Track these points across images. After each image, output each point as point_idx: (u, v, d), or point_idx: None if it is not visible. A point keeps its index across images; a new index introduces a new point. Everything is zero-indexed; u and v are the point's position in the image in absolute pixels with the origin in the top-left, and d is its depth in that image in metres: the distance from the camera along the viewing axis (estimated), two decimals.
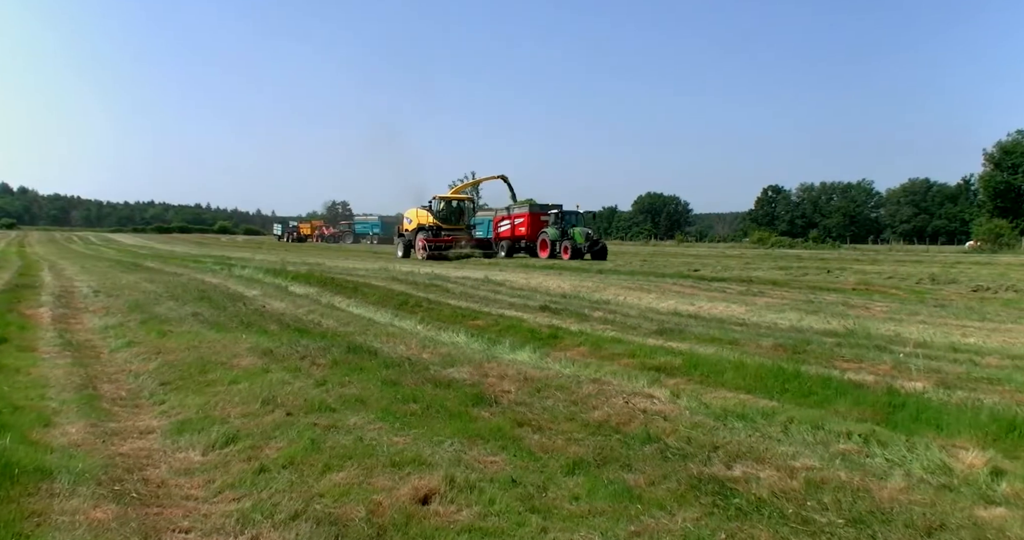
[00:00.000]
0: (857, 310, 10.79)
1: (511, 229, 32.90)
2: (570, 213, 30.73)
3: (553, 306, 10.07)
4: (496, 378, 5.35)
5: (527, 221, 32.07)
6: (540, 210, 32.53)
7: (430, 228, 30.09)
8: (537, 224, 31.52)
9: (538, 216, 32.03)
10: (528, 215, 32.10)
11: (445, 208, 31.20)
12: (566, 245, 28.46)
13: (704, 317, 9.53)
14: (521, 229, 32.37)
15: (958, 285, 15.12)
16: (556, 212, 30.51)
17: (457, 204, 32.12)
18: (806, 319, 9.56)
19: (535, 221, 31.82)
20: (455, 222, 31.13)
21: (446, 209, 31.20)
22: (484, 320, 8.60)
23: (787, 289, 14.23)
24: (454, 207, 31.75)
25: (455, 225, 30.99)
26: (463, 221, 31.74)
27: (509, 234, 32.92)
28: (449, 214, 31.12)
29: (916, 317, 9.87)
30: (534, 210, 32.48)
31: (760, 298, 12.34)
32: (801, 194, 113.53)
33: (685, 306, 11.09)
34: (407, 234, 32.22)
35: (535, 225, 31.55)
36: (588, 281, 14.81)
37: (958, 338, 7.65)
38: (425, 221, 30.53)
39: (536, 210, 32.52)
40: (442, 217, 30.65)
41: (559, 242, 29.03)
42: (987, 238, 42.68)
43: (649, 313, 9.83)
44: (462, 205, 32.40)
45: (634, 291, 13.20)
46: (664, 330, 7.95)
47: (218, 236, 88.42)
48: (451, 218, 31.07)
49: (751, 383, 5.19)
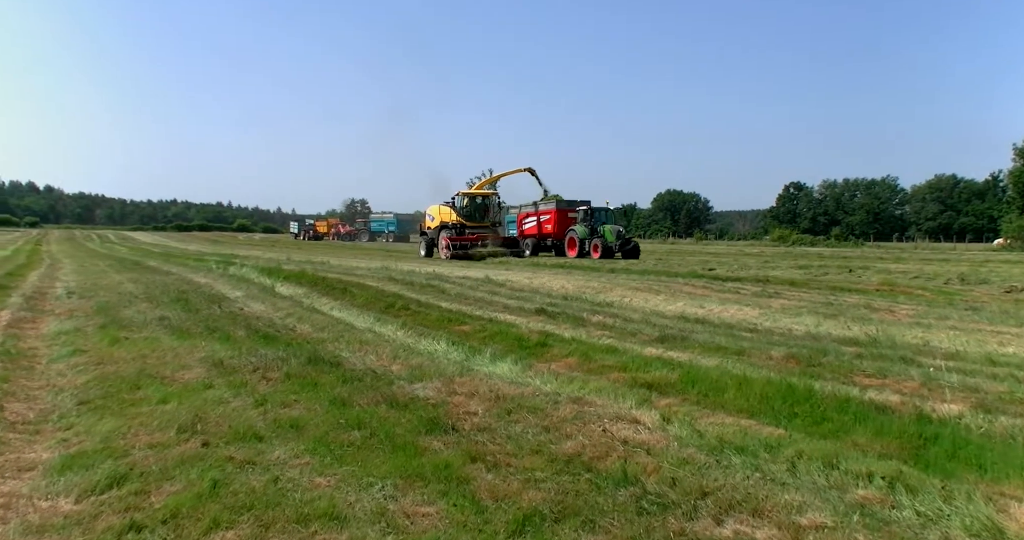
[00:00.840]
0: (880, 313, 9.99)
1: (537, 226, 31.39)
2: (599, 210, 29.09)
3: (551, 309, 9.40)
4: (464, 396, 4.71)
5: (554, 218, 30.46)
6: (568, 206, 30.84)
7: (454, 226, 28.78)
8: (564, 221, 29.93)
9: (565, 213, 30.36)
10: (555, 212, 30.46)
11: (469, 205, 29.77)
12: (596, 243, 27.05)
13: (713, 322, 8.79)
14: (547, 227, 30.83)
15: (989, 286, 14.17)
16: (585, 209, 28.85)
17: (482, 200, 30.61)
18: (824, 324, 8.80)
19: (562, 218, 30.19)
20: (480, 219, 29.70)
21: (470, 206, 29.76)
22: (471, 325, 7.96)
23: (805, 290, 13.41)
24: (479, 203, 30.26)
25: (480, 222, 29.57)
26: (488, 218, 30.26)
27: (535, 231, 31.41)
28: (474, 211, 29.69)
29: (946, 322, 9.05)
30: (561, 206, 30.80)
31: (775, 300, 11.56)
32: (824, 191, 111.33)
33: (694, 309, 10.36)
34: (429, 232, 30.95)
35: (562, 222, 30.01)
36: (595, 281, 14.11)
37: (995, 348, 6.85)
38: (448, 219, 29.26)
39: (564, 206, 30.86)
40: (466, 214, 29.27)
41: (588, 240, 27.63)
42: (1017, 235, 41.10)
43: (653, 317, 9.12)
44: (487, 201, 30.78)
45: (642, 292, 12.48)
46: (666, 337, 7.25)
47: (236, 234, 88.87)
48: (475, 215, 29.64)
49: (755, 405, 4.49)
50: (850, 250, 41.62)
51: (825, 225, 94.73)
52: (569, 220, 29.67)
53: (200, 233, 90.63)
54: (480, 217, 29.72)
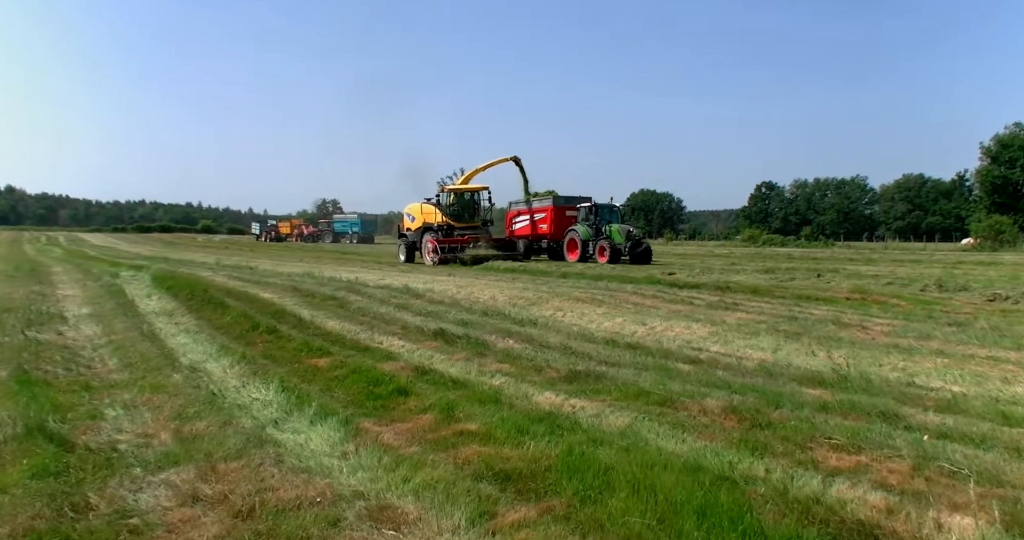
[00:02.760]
0: (851, 331, 8.43)
1: (530, 226, 27.55)
2: (605, 207, 25.13)
3: (454, 331, 7.64)
4: (205, 504, 2.94)
5: (550, 217, 26.62)
6: (566, 204, 26.90)
7: (440, 227, 24.68)
8: (562, 220, 26.21)
9: (563, 211, 26.59)
10: (551, 209, 26.67)
11: (456, 202, 25.61)
12: (602, 245, 23.43)
13: (648, 347, 7.12)
14: (542, 226, 27.02)
15: (970, 293, 12.77)
16: (588, 206, 24.97)
17: (471, 196, 26.20)
18: (784, 348, 7.19)
19: (559, 217, 26.42)
20: (469, 218, 25.60)
21: (458, 203, 25.62)
22: (333, 357, 6.15)
23: (768, 299, 11.85)
24: (467, 200, 25.97)
25: (469, 222, 25.50)
26: (478, 216, 26.04)
27: (528, 232, 27.56)
28: (461, 209, 25.62)
29: (929, 343, 7.50)
30: (559, 204, 26.92)
31: (732, 313, 9.96)
32: (795, 191, 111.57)
33: (634, 326, 8.70)
34: (410, 234, 26.59)
35: (560, 222, 26.25)
36: (532, 291, 12.39)
37: (999, 387, 5.28)
38: (433, 218, 25.09)
39: (561, 204, 26.92)
40: (453, 213, 25.23)
41: (592, 242, 24.04)
42: (987, 235, 40.45)
43: (578, 340, 7.42)
44: (477, 197, 26.28)
45: (582, 303, 10.82)
46: (577, 375, 5.54)
47: (195, 236, 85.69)
48: (464, 214, 25.57)
49: (654, 525, 2.78)
50: (820, 250, 40.59)
51: (796, 224, 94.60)
52: (567, 219, 25.97)
53: (160, 235, 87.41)
54: (469, 216, 25.74)
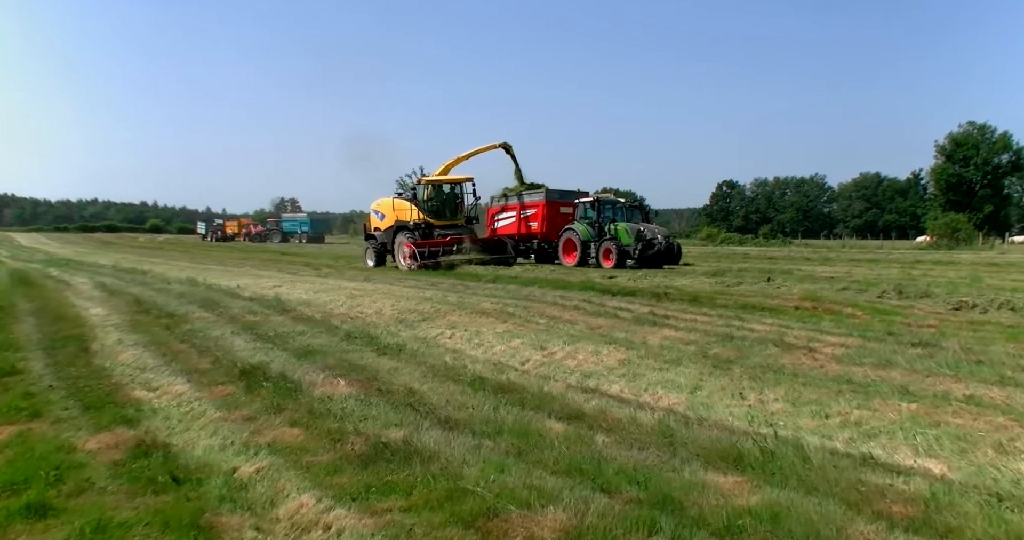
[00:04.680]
0: (796, 355, 6.79)
1: (517, 224, 23.77)
2: (607, 202, 21.45)
3: (275, 368, 5.72)
4: None
5: (541, 213, 22.85)
6: (560, 199, 23.13)
7: (416, 226, 20.92)
8: (556, 218, 22.71)
9: (557, 206, 22.94)
10: (543, 204, 22.87)
11: (436, 196, 21.89)
12: (608, 247, 19.98)
13: (526, 389, 5.31)
14: (532, 224, 23.29)
15: (933, 300, 11.31)
16: (588, 201, 21.43)
17: (452, 189, 22.35)
18: (706, 385, 5.48)
19: (552, 214, 22.83)
20: (451, 216, 21.90)
21: (437, 197, 21.90)
22: (30, 423, 4.18)
23: (707, 311, 10.20)
24: (447, 194, 22.22)
25: (451, 219, 21.83)
26: (461, 213, 22.29)
27: (514, 230, 23.69)
28: (442, 204, 21.94)
29: (891, 374, 5.87)
30: (552, 198, 23.05)
31: (659, 331, 8.25)
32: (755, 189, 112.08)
33: (529, 352, 6.92)
34: (379, 235, 22.54)
35: (552, 219, 22.75)
36: (434, 303, 10.52)
37: (994, 460, 3.61)
38: (407, 216, 21.29)
39: (555, 198, 23.10)
40: (433, 209, 21.51)
41: (595, 243, 20.61)
42: (943, 233, 40.00)
43: (438, 378, 5.58)
44: (459, 190, 22.38)
45: (485, 319, 9.02)
46: (384, 450, 3.70)
47: (137, 235, 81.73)
48: (444, 210, 21.90)
49: None
50: (777, 249, 39.64)
51: (757, 223, 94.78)
52: (562, 217, 22.60)
53: (103, 234, 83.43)
54: (451, 212, 22.01)
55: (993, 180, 60.09)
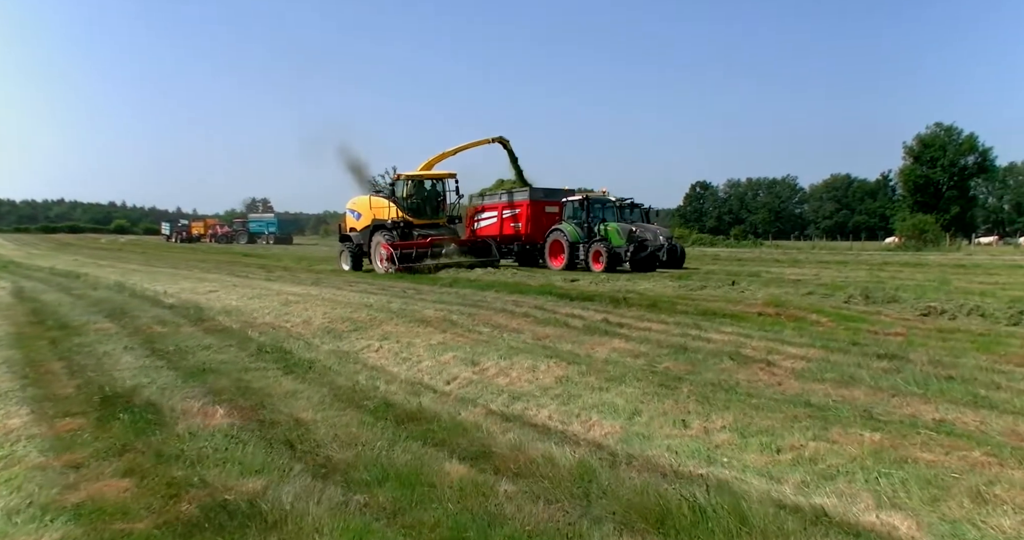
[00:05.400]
0: (753, 370, 6.16)
1: (499, 224, 22.28)
2: (597, 201, 20.10)
3: (144, 396, 4.92)
4: None
5: (526, 213, 21.34)
6: (545, 198, 21.58)
7: (395, 225, 19.33)
8: (541, 218, 21.19)
9: (542, 205, 21.40)
10: (528, 204, 21.34)
11: (416, 192, 20.32)
12: (598, 249, 18.65)
13: (439, 419, 4.56)
14: (515, 225, 21.83)
15: (900, 305, 10.81)
16: (577, 200, 20.01)
17: (433, 186, 20.74)
18: (647, 410, 4.82)
19: (537, 213, 21.29)
20: (432, 214, 20.34)
21: (418, 194, 20.33)
22: None
23: (665, 317, 9.56)
24: (428, 191, 20.67)
25: (433, 218, 20.30)
26: (444, 212, 20.75)
27: (496, 231, 22.21)
28: (423, 202, 20.37)
29: (853, 394, 5.27)
30: (536, 197, 21.55)
31: (609, 341, 7.58)
32: (728, 190, 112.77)
33: (457, 368, 6.20)
34: (355, 236, 21.01)
35: (537, 219, 21.22)
36: (371, 310, 9.74)
37: (973, 514, 2.97)
38: (385, 215, 19.78)
39: (540, 197, 21.57)
40: (413, 207, 19.96)
41: (584, 245, 19.28)
42: (911, 234, 40.16)
43: (339, 404, 4.81)
44: (442, 187, 20.79)
45: (423, 328, 8.28)
46: (208, 522, 2.92)
47: (99, 236, 79.36)
48: (425, 208, 20.30)
49: None
50: (747, 250, 39.45)
51: (730, 223, 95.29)
52: (547, 217, 21.13)
53: (64, 236, 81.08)
54: (432, 210, 20.43)
55: (960, 181, 60.87)
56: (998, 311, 9.41)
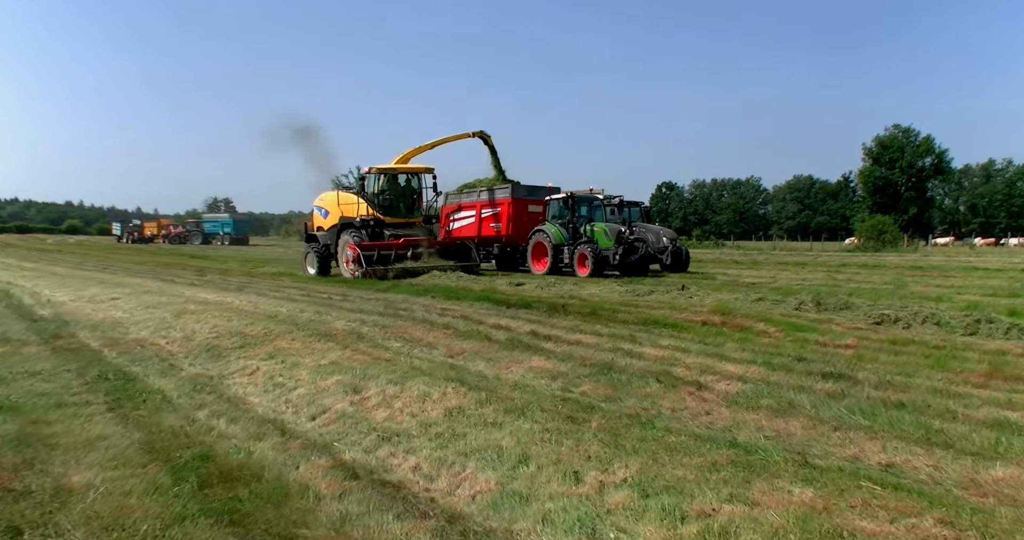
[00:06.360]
0: (680, 395, 5.34)
1: (477, 225, 20.46)
2: (583, 199, 18.40)
3: None
4: None
5: (506, 212, 19.49)
6: (528, 196, 19.82)
7: (364, 223, 17.53)
8: (523, 218, 19.34)
9: (524, 204, 19.59)
10: (509, 202, 19.47)
11: (390, 188, 18.48)
12: (583, 252, 16.91)
13: (262, 479, 3.60)
14: (494, 225, 19.94)
15: (853, 313, 10.14)
16: (562, 198, 18.17)
17: (408, 181, 18.93)
18: (534, 460, 3.96)
19: (519, 212, 19.42)
20: (406, 213, 18.58)
21: (391, 190, 18.49)
22: None
23: (600, 328, 8.71)
24: (403, 186, 18.80)
25: (407, 217, 18.51)
26: (420, 210, 19.02)
27: (473, 232, 20.38)
28: (396, 199, 18.50)
29: (789, 429, 4.47)
30: (519, 195, 19.72)
31: (528, 359, 6.70)
32: (693, 191, 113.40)
33: (336, 397, 5.26)
34: (322, 236, 19.06)
35: (519, 219, 19.35)
36: (268, 323, 8.72)
37: None
38: (354, 212, 17.95)
39: (522, 195, 19.77)
40: (385, 203, 18.17)
41: (568, 247, 17.52)
42: (870, 235, 40.32)
43: (143, 457, 3.81)
44: (417, 183, 19.00)
45: (322, 343, 7.31)
46: None
47: (46, 237, 76.21)
48: (399, 206, 18.50)
49: None
50: (709, 251, 39.17)
51: (696, 224, 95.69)
52: (529, 216, 19.33)
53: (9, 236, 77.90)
54: (407, 208, 18.65)
55: (917, 183, 61.79)
56: (953, 320, 8.79)
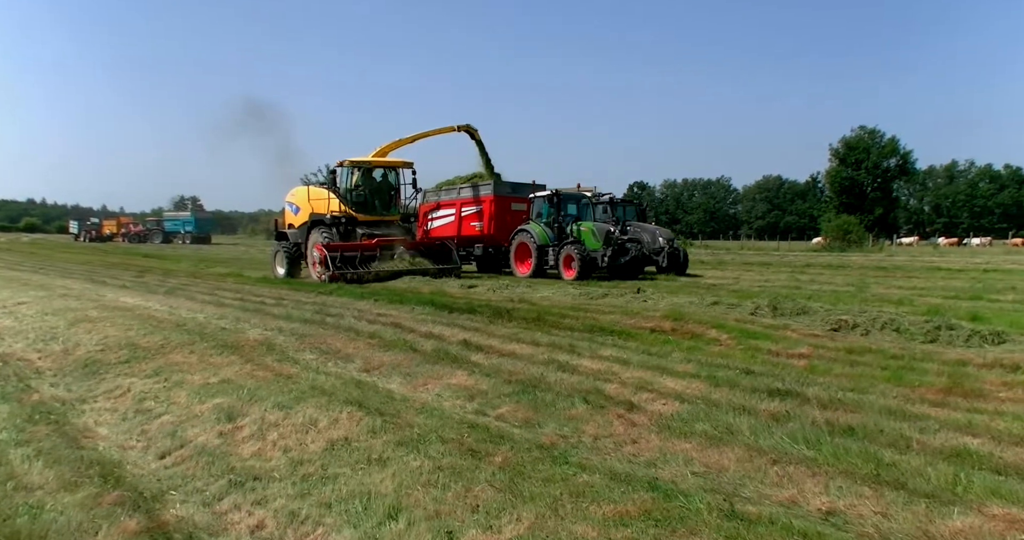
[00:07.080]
0: (608, 419, 4.73)
1: (456, 224, 19.06)
2: (569, 196, 17.41)
3: None
4: None
5: (488, 210, 18.20)
6: (512, 193, 18.56)
7: (335, 221, 16.30)
8: (505, 217, 18.10)
9: (507, 202, 18.33)
10: (491, 200, 18.17)
11: (365, 183, 17.07)
12: (569, 254, 15.73)
13: None
14: (475, 224, 18.54)
15: (811, 318, 9.63)
16: (546, 196, 17.11)
17: (385, 176, 17.58)
18: (406, 513, 3.27)
19: (501, 211, 18.17)
20: (383, 210, 17.30)
21: (367, 185, 17.10)
22: None
23: (540, 336, 8.02)
24: (379, 182, 17.47)
25: (383, 214, 17.24)
26: (397, 208, 17.74)
27: (452, 232, 19.01)
28: (372, 194, 17.18)
29: (723, 462, 3.88)
30: (502, 192, 18.43)
31: (450, 374, 6.02)
32: (665, 190, 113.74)
33: (206, 426, 4.58)
34: (292, 234, 17.79)
35: (502, 218, 18.09)
36: (165, 333, 7.90)
37: None
38: (325, 208, 16.67)
39: (505, 192, 18.50)
40: (359, 200, 16.85)
41: (553, 248, 16.35)
42: (836, 235, 40.46)
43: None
44: (395, 178, 17.66)
45: (221, 357, 6.54)
46: None
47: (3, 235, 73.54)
48: (375, 203, 17.19)
49: None
50: None
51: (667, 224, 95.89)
52: (512, 215, 18.04)
53: None
54: (383, 205, 17.37)
55: (883, 183, 62.52)
56: (913, 326, 8.30)
